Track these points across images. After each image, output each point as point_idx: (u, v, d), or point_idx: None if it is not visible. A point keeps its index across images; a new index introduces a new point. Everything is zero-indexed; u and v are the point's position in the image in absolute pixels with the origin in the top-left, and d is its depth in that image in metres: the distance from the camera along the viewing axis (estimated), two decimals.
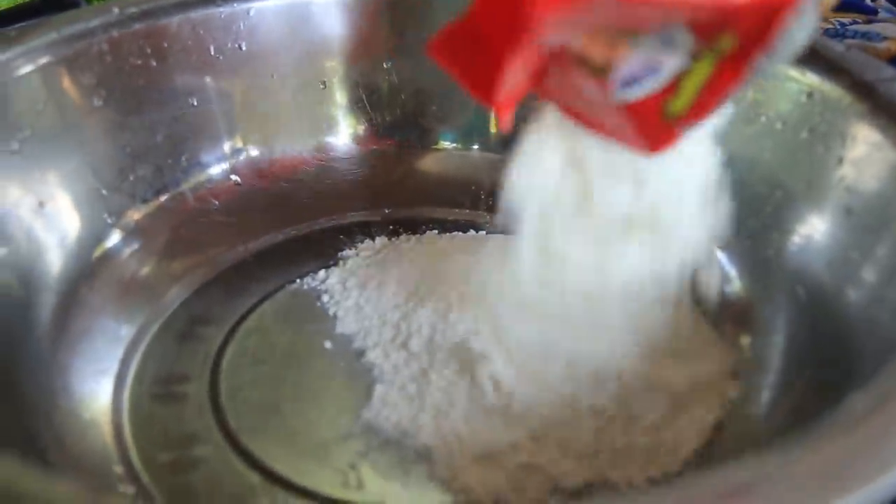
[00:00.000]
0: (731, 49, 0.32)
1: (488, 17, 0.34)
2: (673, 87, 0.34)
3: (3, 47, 0.49)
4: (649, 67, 0.34)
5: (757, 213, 0.52)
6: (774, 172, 0.52)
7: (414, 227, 0.59)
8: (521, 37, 0.32)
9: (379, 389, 0.46)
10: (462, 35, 0.35)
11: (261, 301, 0.54)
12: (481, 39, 0.34)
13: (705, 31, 0.32)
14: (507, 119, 0.36)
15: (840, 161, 0.47)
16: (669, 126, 0.35)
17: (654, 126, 0.35)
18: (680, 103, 0.34)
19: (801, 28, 0.33)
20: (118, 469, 0.42)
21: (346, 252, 0.57)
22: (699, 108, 0.34)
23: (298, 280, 0.55)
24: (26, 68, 0.49)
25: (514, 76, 0.34)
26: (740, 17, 0.32)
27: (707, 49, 0.33)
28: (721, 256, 0.54)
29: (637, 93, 0.34)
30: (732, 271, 0.53)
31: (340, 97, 0.63)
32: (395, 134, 0.64)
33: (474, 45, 0.34)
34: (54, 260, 0.49)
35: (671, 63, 0.33)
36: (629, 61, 0.33)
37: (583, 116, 0.38)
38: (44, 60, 0.50)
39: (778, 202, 0.51)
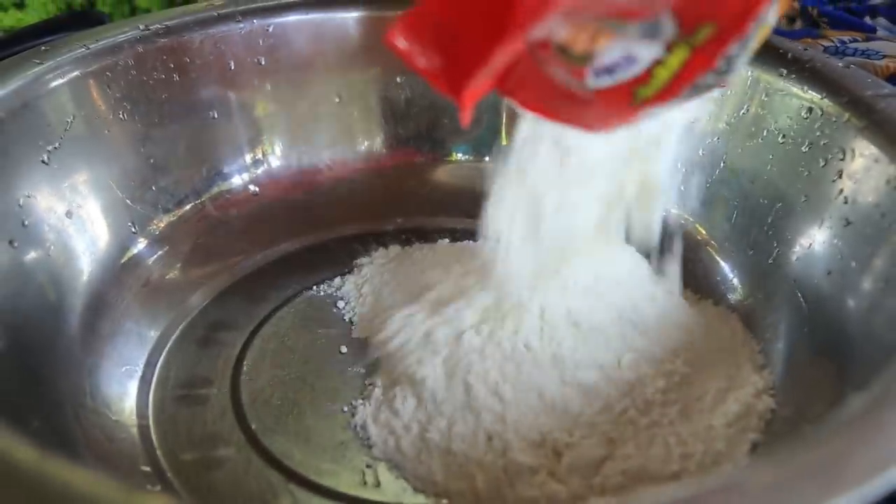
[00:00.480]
0: (707, 38, 0.33)
1: (462, 9, 0.33)
2: (646, 76, 0.34)
3: (36, 62, 0.51)
4: (627, 58, 0.34)
5: (759, 223, 0.54)
6: (776, 185, 0.54)
7: (426, 236, 0.61)
8: (509, 33, 0.31)
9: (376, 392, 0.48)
10: (425, 25, 0.34)
11: (279, 307, 0.56)
12: (454, 31, 0.33)
13: (691, 18, 0.33)
14: (468, 114, 0.35)
15: (839, 174, 0.49)
16: (634, 108, 0.35)
17: (619, 108, 0.35)
18: (650, 90, 0.34)
19: (768, 18, 0.34)
20: (145, 468, 0.44)
21: (361, 260, 0.59)
22: (665, 93, 0.34)
23: (315, 287, 0.57)
24: (57, 82, 0.51)
25: (488, 72, 0.34)
26: (727, 2, 0.33)
27: (684, 40, 0.33)
28: (724, 266, 0.55)
29: (611, 81, 0.35)
30: (735, 280, 0.55)
31: (356, 111, 0.65)
32: (409, 146, 0.66)
33: (443, 36, 0.34)
34: (83, 266, 0.51)
35: (648, 54, 0.34)
36: (609, 52, 0.34)
37: (541, 106, 0.38)
38: (73, 74, 0.52)
39: (779, 213, 0.53)
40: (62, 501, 0.27)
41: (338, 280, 0.58)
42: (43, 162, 0.50)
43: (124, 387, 0.49)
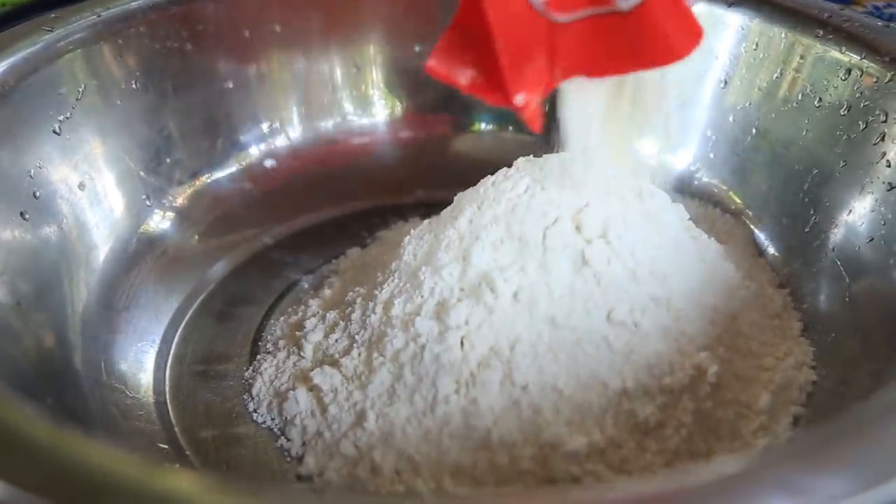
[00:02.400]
0: None
1: (472, 17, 0.33)
2: None
3: (46, 29, 0.50)
4: None
5: (794, 191, 0.52)
6: (811, 150, 0.52)
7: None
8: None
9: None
10: (457, 44, 0.34)
11: (297, 281, 0.54)
12: (475, 42, 0.33)
13: None
14: (533, 117, 0.35)
15: (881, 137, 0.47)
16: (689, 14, 0.35)
17: (678, 19, 0.35)
18: None
19: None
20: (163, 446, 0.43)
21: (380, 233, 0.58)
22: None
23: (333, 260, 0.55)
24: (68, 50, 0.50)
25: (519, 63, 0.33)
26: None
27: None
28: (760, 235, 0.53)
29: None
30: (772, 248, 0.53)
31: (373, 80, 0.63)
32: (429, 116, 0.64)
33: (472, 51, 0.34)
34: (97, 239, 0.49)
35: None
36: None
37: (608, 67, 0.37)
38: (85, 42, 0.51)
39: (815, 180, 0.51)
40: (81, 479, 0.25)
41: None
42: (54, 132, 0.48)
43: (140, 363, 0.47)
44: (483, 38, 0.34)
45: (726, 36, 0.56)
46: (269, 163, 0.60)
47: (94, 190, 0.50)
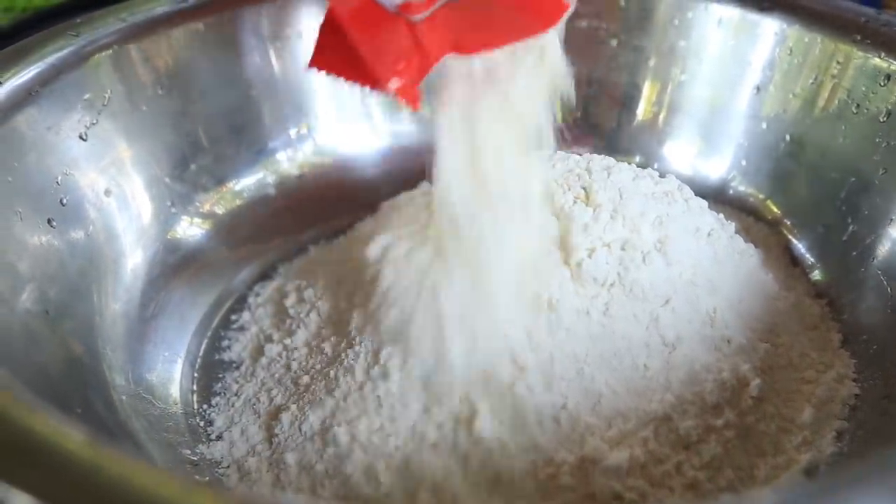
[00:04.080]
0: None
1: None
2: None
3: (71, 35, 0.49)
4: None
5: (831, 199, 0.51)
6: (848, 157, 0.51)
7: None
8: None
9: None
10: (331, 42, 0.36)
11: None
12: (345, 39, 0.35)
13: None
14: (412, 98, 0.35)
15: None
16: None
17: None
18: None
19: None
20: (191, 457, 0.42)
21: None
22: None
23: None
24: (94, 56, 0.49)
25: (383, 54, 0.34)
26: None
27: None
28: (798, 244, 0.53)
29: None
30: (810, 257, 0.52)
31: None
32: None
33: (345, 47, 0.35)
34: (124, 247, 0.48)
35: None
36: None
37: (476, 42, 0.36)
38: (111, 48, 0.50)
39: (853, 188, 0.50)
40: (119, 496, 0.25)
41: None
42: (81, 138, 0.47)
43: (168, 372, 0.47)
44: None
45: (761, 42, 0.55)
46: (294, 169, 0.59)
47: (121, 196, 0.49)
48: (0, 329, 0.37)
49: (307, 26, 0.58)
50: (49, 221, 0.44)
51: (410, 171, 0.61)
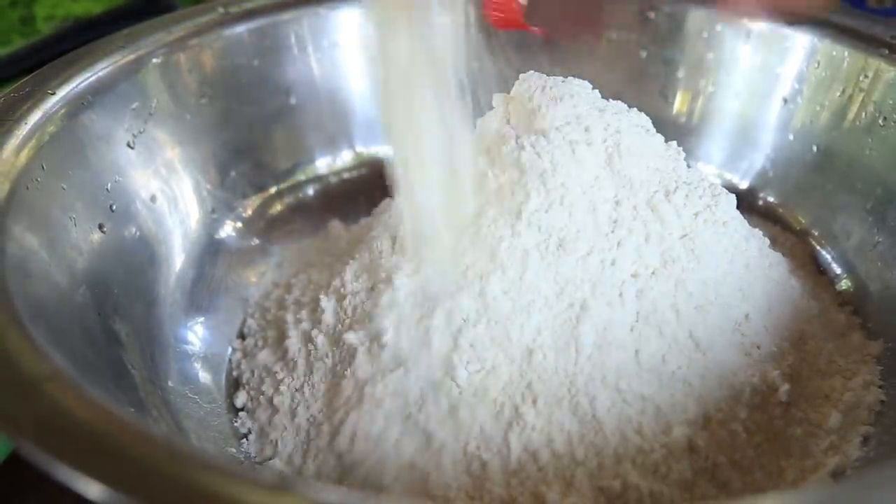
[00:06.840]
0: None
1: None
2: None
3: (120, 46, 0.51)
4: None
5: (858, 210, 0.52)
6: (875, 169, 0.52)
7: None
8: None
9: None
10: None
11: None
12: None
13: None
14: None
15: None
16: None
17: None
18: None
19: None
20: (236, 455, 0.43)
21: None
22: None
23: None
24: (142, 66, 0.51)
25: None
26: None
27: None
28: (824, 253, 0.53)
29: None
30: (835, 267, 0.53)
31: None
32: None
33: None
34: (171, 251, 0.50)
35: None
36: None
37: None
38: (157, 58, 0.52)
39: (880, 199, 0.51)
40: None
41: None
42: (129, 146, 0.49)
43: (216, 373, 0.48)
44: None
45: (790, 55, 0.56)
46: (332, 176, 0.60)
47: (166, 203, 0.51)
48: (60, 330, 0.38)
49: (344, 36, 0.59)
50: (100, 227, 0.45)
51: None
